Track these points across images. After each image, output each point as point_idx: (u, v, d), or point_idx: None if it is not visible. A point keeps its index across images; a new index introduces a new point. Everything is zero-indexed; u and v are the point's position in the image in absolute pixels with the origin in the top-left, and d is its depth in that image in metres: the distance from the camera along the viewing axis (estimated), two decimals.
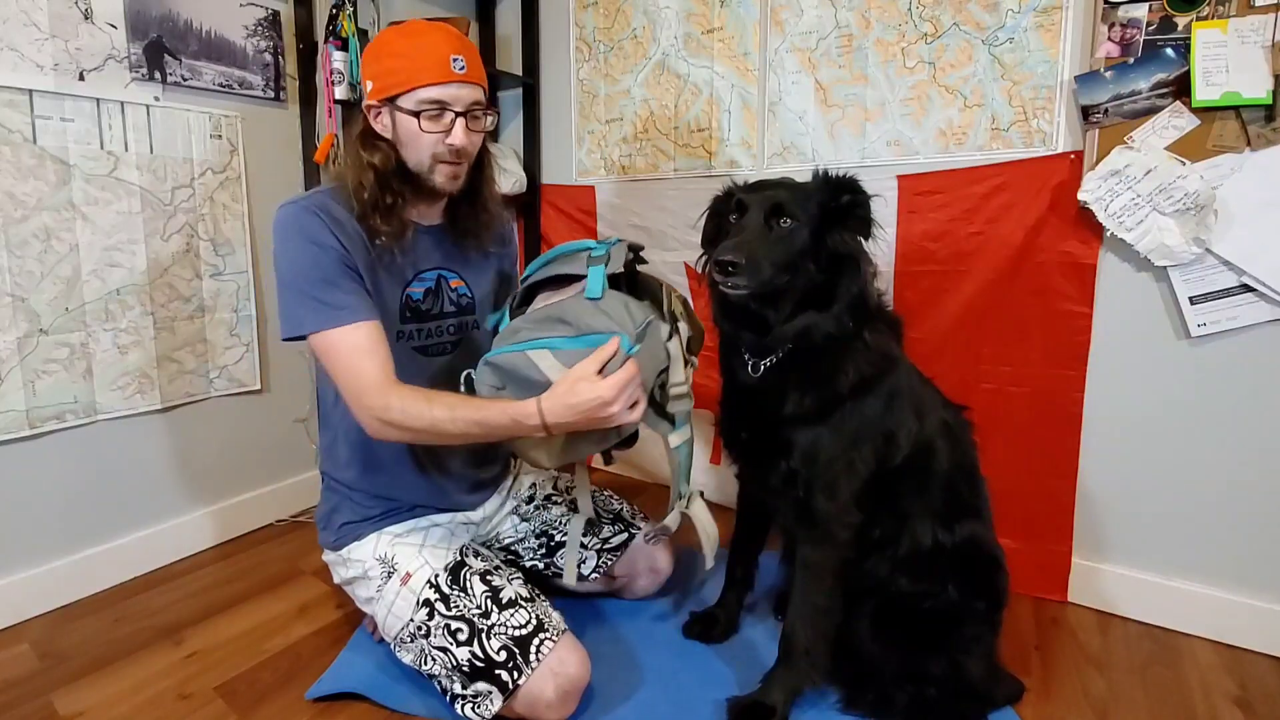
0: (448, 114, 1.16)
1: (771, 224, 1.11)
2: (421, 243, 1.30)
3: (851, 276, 1.11)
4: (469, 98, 1.18)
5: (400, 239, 1.22)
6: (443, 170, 1.21)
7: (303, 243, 1.14)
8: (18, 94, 1.45)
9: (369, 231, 1.19)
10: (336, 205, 1.19)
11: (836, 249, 1.10)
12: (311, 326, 1.13)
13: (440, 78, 1.14)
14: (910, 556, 1.19)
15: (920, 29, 1.67)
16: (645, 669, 1.35)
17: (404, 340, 1.29)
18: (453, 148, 1.18)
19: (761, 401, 1.18)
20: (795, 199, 1.12)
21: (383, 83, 1.17)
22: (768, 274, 1.07)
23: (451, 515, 1.38)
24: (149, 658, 1.40)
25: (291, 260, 1.15)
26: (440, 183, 1.22)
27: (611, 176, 2.26)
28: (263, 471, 2.00)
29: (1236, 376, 1.41)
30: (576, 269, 1.20)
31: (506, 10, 2.42)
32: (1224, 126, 1.36)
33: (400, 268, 1.26)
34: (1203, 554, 1.49)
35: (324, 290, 1.13)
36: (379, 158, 1.19)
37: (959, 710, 1.18)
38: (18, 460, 1.52)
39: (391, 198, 1.19)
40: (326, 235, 1.15)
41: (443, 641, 1.15)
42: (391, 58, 1.17)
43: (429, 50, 1.15)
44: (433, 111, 1.15)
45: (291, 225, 1.15)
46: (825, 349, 1.13)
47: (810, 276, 1.11)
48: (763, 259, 1.06)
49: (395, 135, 1.20)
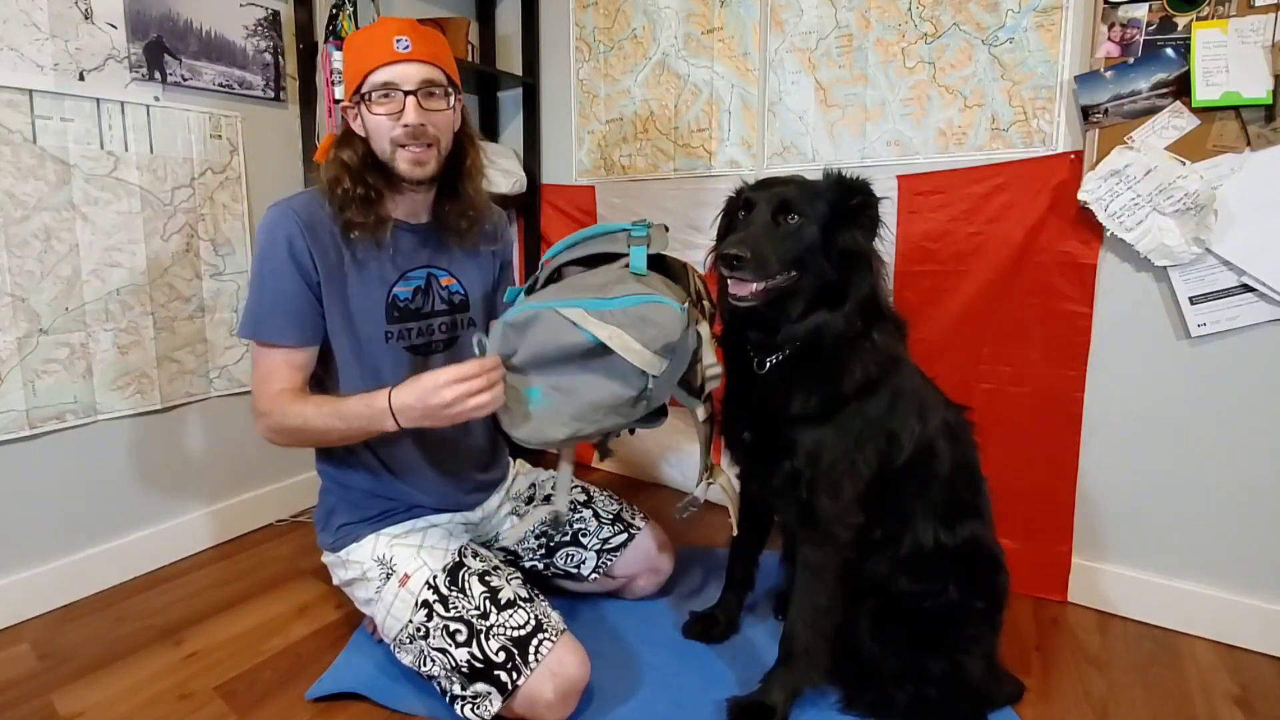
0: (396, 94, 1.18)
1: (779, 220, 1.11)
2: (407, 242, 1.30)
3: (863, 275, 1.11)
4: (418, 75, 1.18)
5: (377, 233, 1.23)
6: (404, 155, 1.20)
7: (269, 252, 1.19)
8: (18, 94, 1.45)
9: (346, 226, 1.21)
10: (319, 207, 1.22)
11: (849, 247, 1.10)
12: (245, 332, 1.22)
13: (384, 58, 1.17)
14: (911, 556, 1.19)
15: (920, 29, 1.67)
16: (645, 669, 1.35)
17: (393, 340, 1.29)
18: (408, 129, 1.18)
19: (766, 400, 1.18)
20: (803, 195, 1.12)
21: (347, 79, 1.22)
22: (774, 268, 1.07)
23: (450, 515, 1.38)
24: (149, 658, 1.40)
25: (257, 265, 1.21)
26: (404, 169, 1.21)
27: (611, 176, 2.26)
28: (263, 471, 2.00)
29: (1236, 376, 1.41)
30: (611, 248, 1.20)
31: (506, 10, 2.42)
32: (1224, 126, 1.36)
33: (383, 268, 1.27)
34: (1203, 554, 1.49)
35: (270, 305, 1.20)
36: (348, 153, 1.22)
37: (959, 710, 1.18)
38: (17, 460, 1.52)
39: (364, 189, 1.21)
40: (299, 244, 1.18)
41: (441, 643, 1.15)
42: (349, 54, 1.22)
43: (376, 39, 1.19)
44: (381, 94, 1.18)
45: (266, 232, 1.20)
46: (833, 348, 1.12)
47: (822, 273, 1.11)
48: (769, 253, 1.07)
49: (365, 130, 1.22)
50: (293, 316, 1.20)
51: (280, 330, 1.20)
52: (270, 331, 1.20)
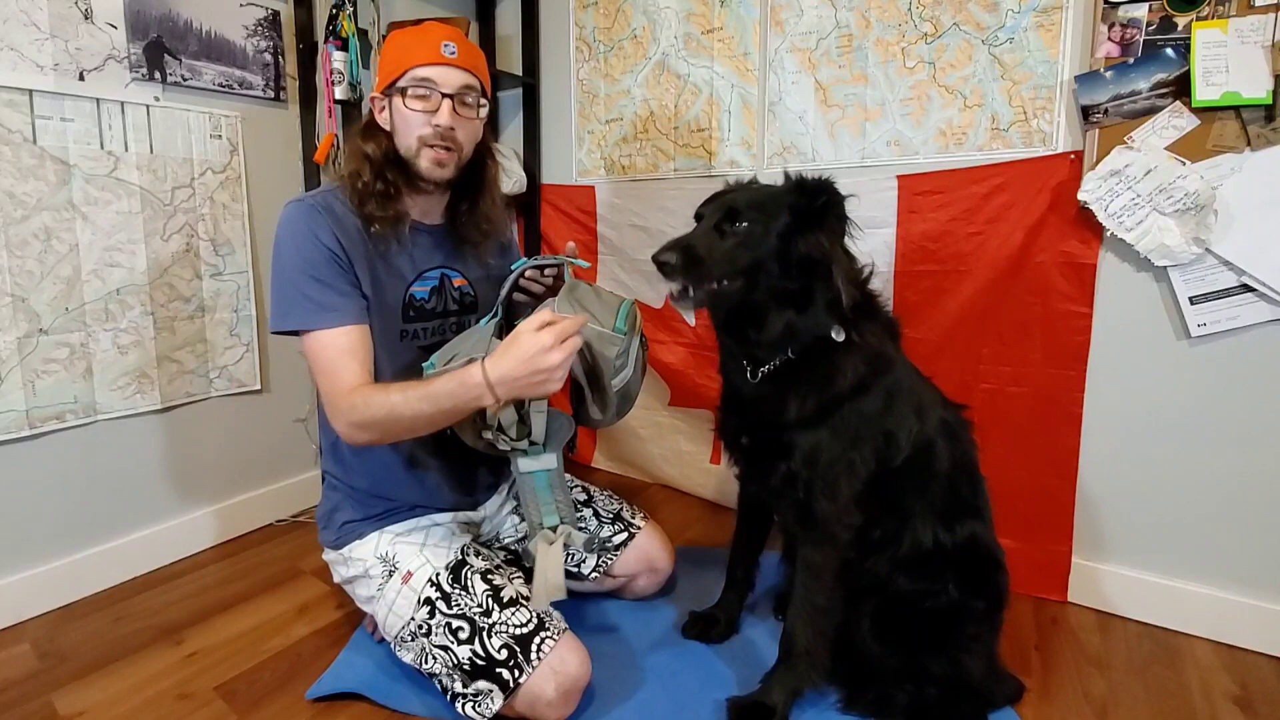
0: (435, 94, 1.19)
1: (723, 228, 1.11)
2: (423, 242, 1.31)
3: (826, 280, 1.09)
4: (458, 81, 1.21)
5: (395, 229, 1.24)
6: (428, 154, 1.21)
7: (303, 240, 1.17)
8: (18, 94, 1.45)
9: (365, 220, 1.21)
10: (339, 203, 1.22)
11: (808, 252, 1.08)
12: (298, 324, 1.17)
13: (430, 58, 1.19)
14: (911, 556, 1.19)
15: (920, 29, 1.68)
16: (645, 669, 1.35)
17: (408, 339, 1.30)
18: (439, 129, 1.19)
19: (762, 408, 1.18)
20: (752, 202, 1.12)
21: (383, 73, 1.23)
22: (712, 273, 1.08)
23: (452, 514, 1.38)
24: (149, 658, 1.40)
25: (290, 256, 1.17)
26: (425, 168, 1.22)
27: (611, 176, 2.27)
28: (263, 471, 1.99)
29: (1236, 376, 1.41)
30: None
31: (506, 10, 2.42)
32: (1224, 126, 1.36)
33: (402, 267, 1.28)
34: (1203, 554, 1.49)
35: (317, 289, 1.16)
36: (372, 146, 1.23)
37: (959, 710, 1.18)
38: (18, 460, 1.52)
39: (384, 185, 1.21)
40: (327, 234, 1.17)
41: (444, 640, 1.15)
42: (393, 49, 1.24)
43: (425, 39, 1.22)
44: (421, 90, 1.19)
45: (295, 222, 1.18)
46: (820, 352, 1.12)
47: (773, 278, 1.09)
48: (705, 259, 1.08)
49: (392, 124, 1.23)
50: (342, 295, 1.17)
51: (335, 311, 1.16)
52: (324, 315, 1.15)
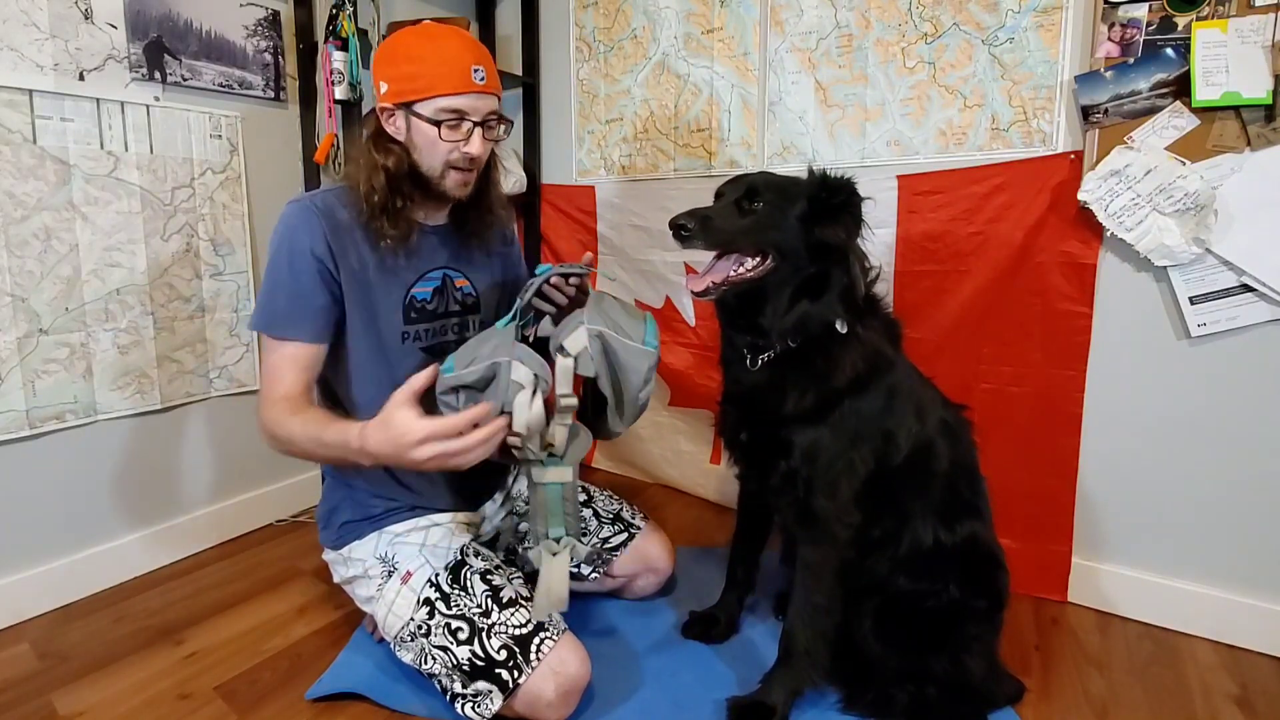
0: (466, 123, 1.18)
1: (742, 205, 1.14)
2: (426, 243, 1.31)
3: (842, 268, 1.12)
4: (486, 108, 1.20)
5: (405, 241, 1.23)
6: (454, 177, 1.22)
7: (291, 250, 1.17)
8: (18, 94, 1.45)
9: (375, 234, 1.20)
10: (342, 207, 1.21)
11: (826, 239, 1.11)
12: (261, 327, 1.19)
13: (461, 88, 1.16)
14: (911, 556, 1.19)
15: (920, 29, 1.67)
16: (645, 669, 1.35)
17: (409, 341, 1.29)
18: (468, 156, 1.20)
19: (761, 400, 1.18)
20: (772, 185, 1.15)
21: (399, 86, 1.17)
22: (727, 241, 1.11)
23: (452, 515, 1.38)
24: (149, 658, 1.40)
25: (276, 262, 1.19)
26: (450, 188, 1.23)
27: (611, 176, 2.27)
28: (263, 471, 1.99)
29: (1236, 376, 1.41)
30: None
31: (506, 10, 2.42)
32: (1224, 126, 1.36)
33: (404, 269, 1.27)
34: (1203, 554, 1.49)
35: (287, 301, 1.17)
36: (392, 161, 1.19)
37: (959, 710, 1.18)
38: (18, 460, 1.52)
39: (401, 201, 1.20)
40: (319, 242, 1.17)
41: (443, 640, 1.15)
42: (410, 62, 1.17)
43: (450, 58, 1.16)
44: (452, 121, 1.17)
45: (288, 227, 1.18)
46: (821, 344, 1.13)
47: (797, 261, 1.12)
48: (723, 227, 1.11)
49: (409, 139, 1.20)
50: (308, 313, 1.18)
51: (294, 326, 1.18)
52: (284, 327, 1.18)
